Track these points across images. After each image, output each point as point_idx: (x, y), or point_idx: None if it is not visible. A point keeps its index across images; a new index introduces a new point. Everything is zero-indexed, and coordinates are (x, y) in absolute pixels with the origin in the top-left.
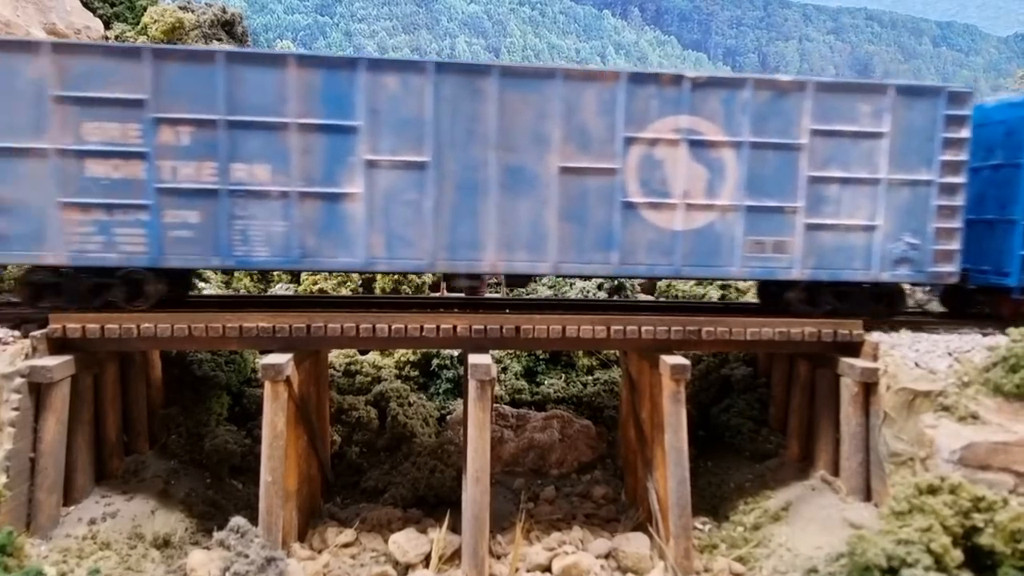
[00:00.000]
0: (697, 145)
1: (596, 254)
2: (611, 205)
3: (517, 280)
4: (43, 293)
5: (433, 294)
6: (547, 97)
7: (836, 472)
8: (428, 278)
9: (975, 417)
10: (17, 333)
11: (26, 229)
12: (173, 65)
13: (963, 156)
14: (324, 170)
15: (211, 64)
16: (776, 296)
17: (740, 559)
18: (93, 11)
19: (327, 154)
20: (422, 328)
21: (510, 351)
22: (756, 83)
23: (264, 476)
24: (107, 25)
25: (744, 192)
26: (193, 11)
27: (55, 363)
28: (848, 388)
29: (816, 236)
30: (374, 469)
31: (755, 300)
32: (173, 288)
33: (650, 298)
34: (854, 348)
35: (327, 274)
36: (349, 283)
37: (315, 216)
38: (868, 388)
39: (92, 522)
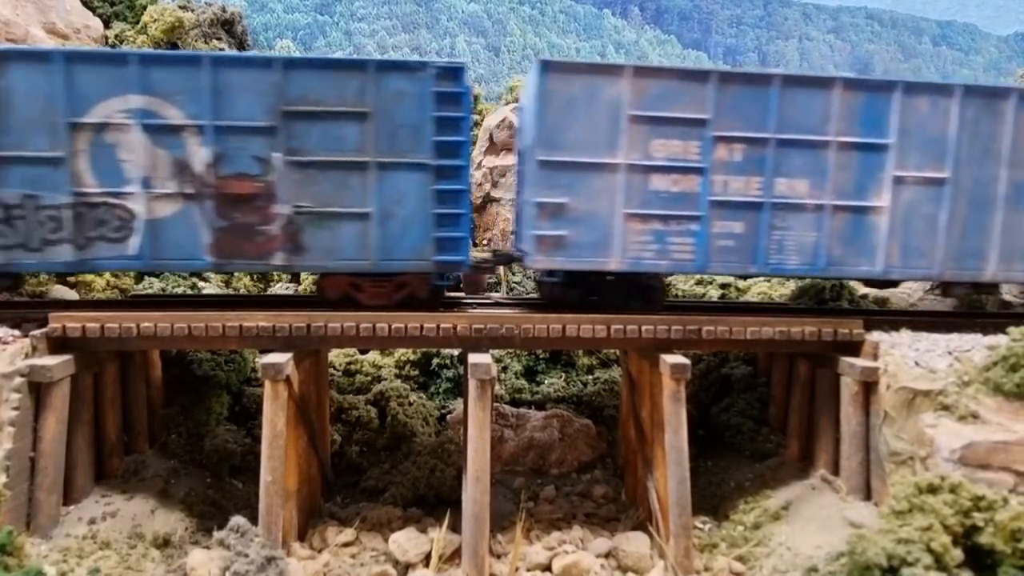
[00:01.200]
0: None
1: None
2: None
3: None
4: (587, 295)
5: None
6: None
7: (836, 471)
8: None
9: (975, 416)
10: (17, 332)
11: (593, 238)
12: (733, 87)
13: None
14: (855, 185)
15: (767, 86)
16: None
17: (740, 558)
18: (93, 10)
19: (859, 170)
20: (422, 327)
21: (510, 350)
22: None
23: (264, 476)
24: (107, 24)
25: None
26: (193, 10)
27: (55, 362)
28: (848, 387)
29: None
30: (374, 468)
31: (755, 300)
32: None
33: None
34: (854, 347)
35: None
36: None
37: (843, 227)
38: (868, 387)
39: (92, 522)
